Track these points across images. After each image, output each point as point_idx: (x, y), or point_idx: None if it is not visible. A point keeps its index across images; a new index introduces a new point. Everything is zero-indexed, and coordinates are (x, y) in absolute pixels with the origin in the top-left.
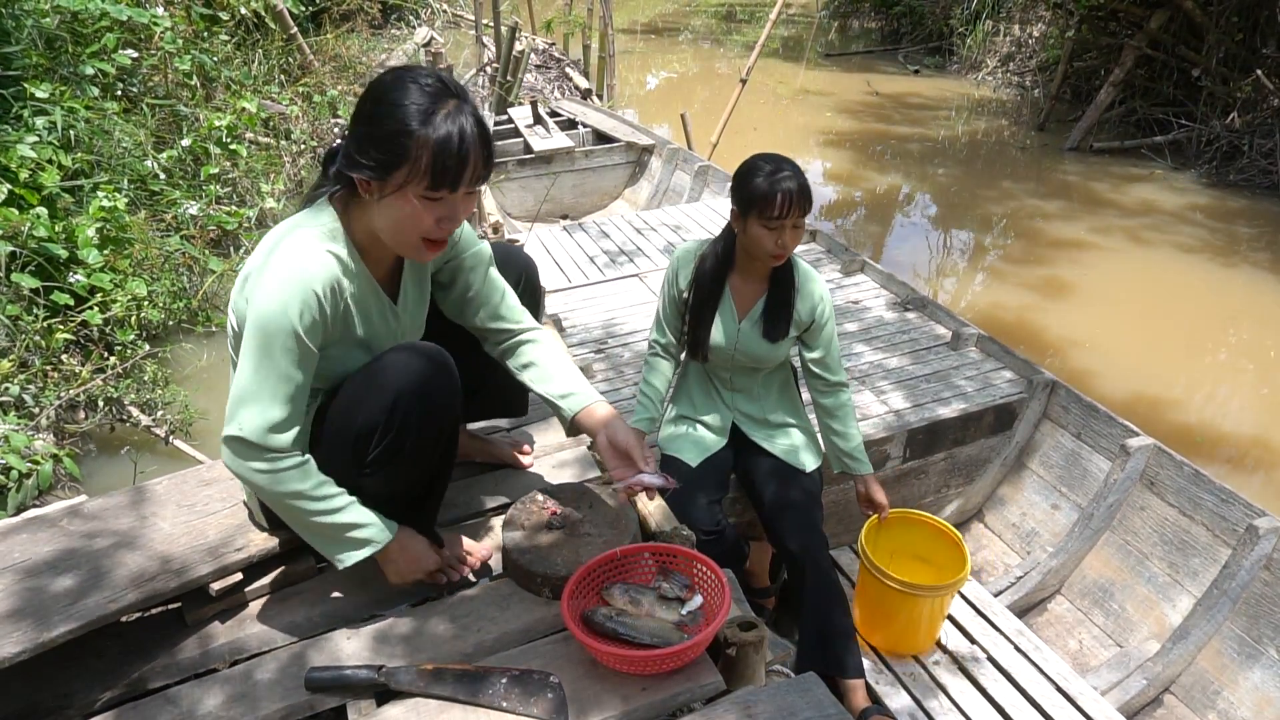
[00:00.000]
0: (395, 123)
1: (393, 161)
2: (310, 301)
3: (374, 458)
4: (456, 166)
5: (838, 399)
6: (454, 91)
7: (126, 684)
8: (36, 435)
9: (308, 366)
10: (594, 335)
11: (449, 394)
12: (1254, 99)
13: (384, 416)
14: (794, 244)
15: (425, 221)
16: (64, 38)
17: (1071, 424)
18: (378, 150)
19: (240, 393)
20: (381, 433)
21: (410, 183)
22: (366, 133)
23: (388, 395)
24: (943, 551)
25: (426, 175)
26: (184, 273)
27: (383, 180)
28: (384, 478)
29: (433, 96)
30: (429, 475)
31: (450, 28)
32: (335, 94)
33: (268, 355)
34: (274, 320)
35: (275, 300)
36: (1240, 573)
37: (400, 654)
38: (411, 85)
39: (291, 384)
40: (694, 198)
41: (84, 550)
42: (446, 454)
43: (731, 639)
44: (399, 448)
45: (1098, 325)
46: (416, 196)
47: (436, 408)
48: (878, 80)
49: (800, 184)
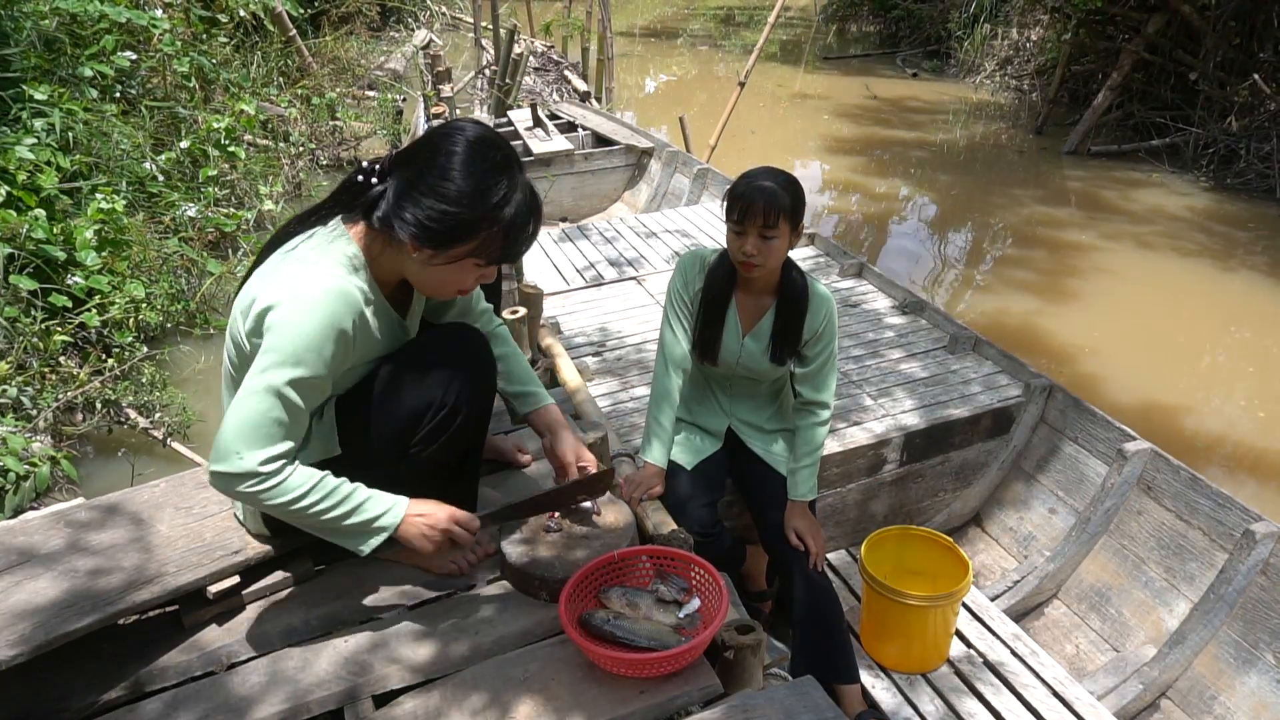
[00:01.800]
0: (466, 208)
1: (458, 239)
2: (339, 340)
3: (421, 437)
4: (520, 247)
5: (812, 417)
6: (515, 162)
7: (123, 687)
8: (34, 437)
9: (320, 397)
10: (592, 338)
11: (490, 370)
12: (1251, 103)
13: (435, 396)
14: (768, 256)
15: (469, 281)
16: (63, 40)
17: (1068, 428)
18: (442, 227)
19: (244, 427)
20: (433, 413)
21: (470, 256)
22: (431, 205)
23: (437, 377)
24: (944, 565)
25: (490, 254)
26: (182, 275)
27: (441, 251)
28: (430, 456)
29: (498, 172)
30: (466, 452)
31: (449, 30)
32: (334, 96)
33: (283, 395)
34: (302, 359)
35: (303, 340)
36: (1237, 578)
37: (397, 657)
38: (478, 159)
39: (302, 420)
40: (693, 200)
41: (81, 553)
42: (482, 430)
43: (729, 642)
44: (447, 426)
45: (1095, 328)
46: (471, 264)
47: (482, 384)
48: (876, 84)
49: (773, 194)
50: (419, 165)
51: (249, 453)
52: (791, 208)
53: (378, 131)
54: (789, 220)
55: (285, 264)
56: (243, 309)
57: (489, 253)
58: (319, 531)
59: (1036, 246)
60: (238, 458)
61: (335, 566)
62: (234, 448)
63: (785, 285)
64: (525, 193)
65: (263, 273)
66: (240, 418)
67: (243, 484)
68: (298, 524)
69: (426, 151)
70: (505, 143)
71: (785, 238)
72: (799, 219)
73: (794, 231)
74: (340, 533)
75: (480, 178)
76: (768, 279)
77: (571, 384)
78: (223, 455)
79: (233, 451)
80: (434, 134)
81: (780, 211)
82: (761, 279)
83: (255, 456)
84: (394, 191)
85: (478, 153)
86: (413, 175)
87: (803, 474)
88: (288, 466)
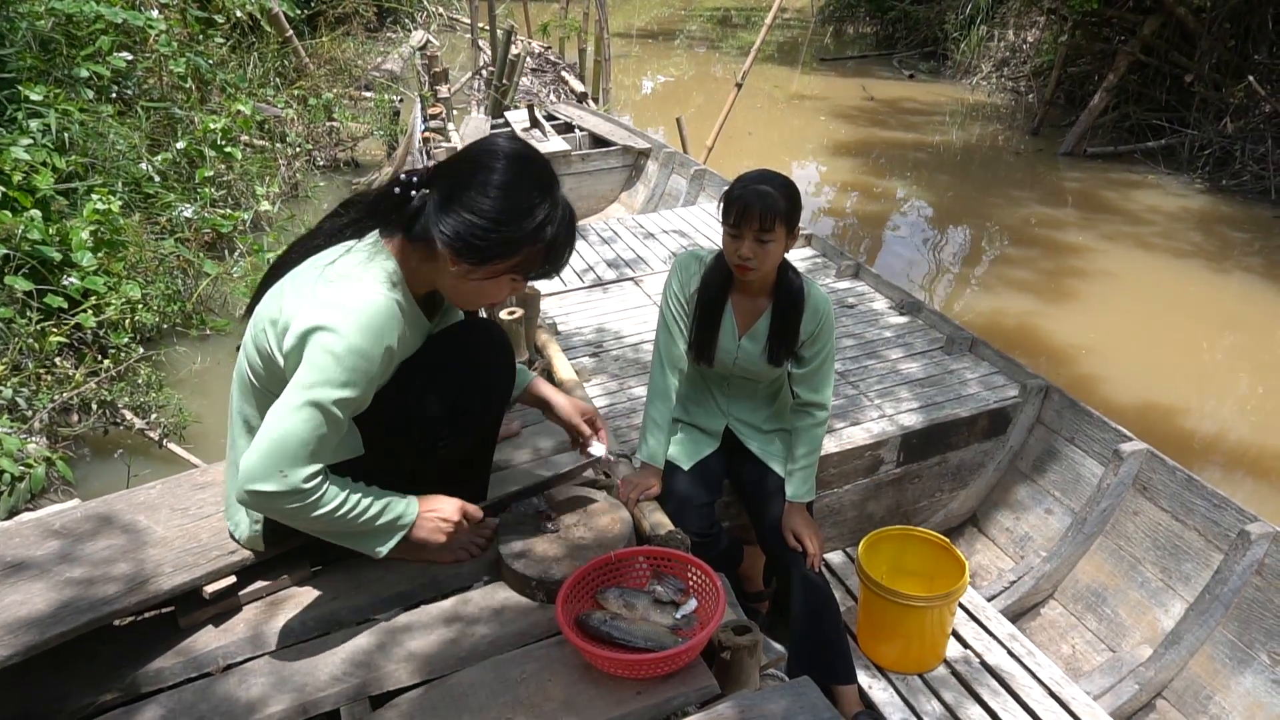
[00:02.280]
0: (510, 227)
1: (500, 256)
2: (385, 358)
3: (445, 434)
4: (561, 264)
5: (809, 418)
6: (555, 179)
7: (119, 688)
8: (30, 439)
9: (359, 410)
10: (590, 339)
11: (510, 367)
12: (1246, 105)
13: (458, 395)
14: (764, 260)
15: (504, 294)
16: (58, 40)
17: (1065, 429)
18: (485, 243)
19: (291, 445)
20: (456, 412)
21: (510, 272)
22: (474, 222)
23: (461, 376)
24: (940, 565)
25: (529, 270)
26: (178, 276)
27: (480, 266)
28: (450, 453)
29: (541, 191)
30: (479, 445)
31: (446, 31)
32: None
33: (328, 414)
34: (350, 380)
35: (353, 361)
36: (1232, 578)
37: (394, 658)
38: (523, 177)
39: (341, 435)
40: (690, 201)
41: (77, 554)
42: (496, 424)
43: (726, 643)
44: (469, 424)
45: (1091, 329)
46: (507, 280)
47: (503, 380)
48: (872, 85)
49: (769, 198)
50: (462, 180)
51: (293, 470)
52: (787, 211)
53: (375, 132)
54: (785, 224)
55: (327, 280)
56: (276, 322)
57: (528, 269)
58: (338, 538)
59: (1033, 247)
60: (282, 476)
61: (331, 567)
62: (278, 466)
63: (781, 287)
64: (565, 211)
65: (299, 287)
66: (285, 435)
67: (287, 502)
68: (320, 532)
69: (469, 166)
70: (544, 159)
71: (781, 241)
72: (795, 222)
73: (790, 235)
74: (363, 536)
75: (525, 196)
76: (764, 281)
77: (569, 384)
78: (265, 474)
79: (276, 470)
80: (476, 149)
81: (776, 215)
82: (758, 281)
83: (300, 474)
84: (435, 205)
85: (522, 170)
86: (455, 189)
87: (800, 475)
88: (325, 480)
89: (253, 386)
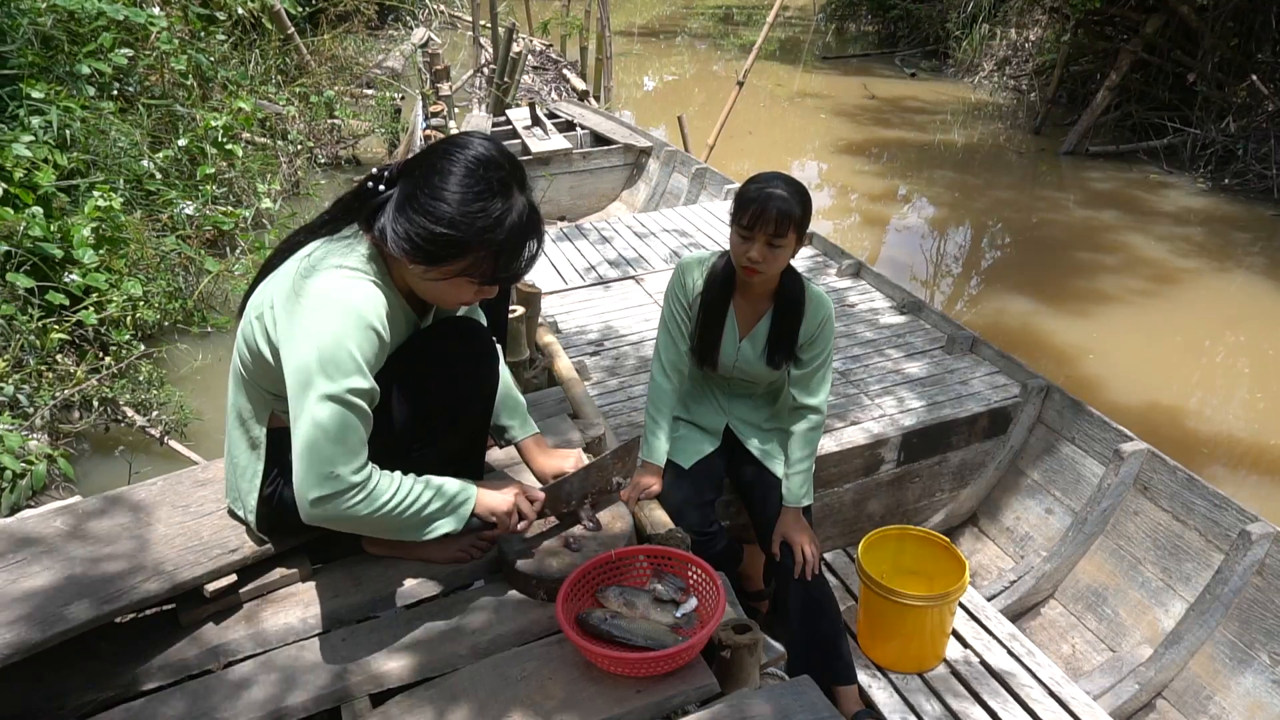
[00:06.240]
0: (455, 229)
1: (448, 258)
2: (375, 340)
3: (433, 430)
4: (516, 269)
5: (804, 421)
6: (517, 183)
7: (120, 686)
8: (31, 435)
9: (373, 400)
10: (590, 338)
11: (494, 360)
12: (1249, 104)
13: (443, 391)
14: (772, 264)
15: (466, 296)
16: (60, 37)
17: (1065, 428)
18: (431, 245)
19: (327, 447)
20: (442, 407)
21: (463, 275)
22: (421, 224)
23: (445, 372)
24: (941, 565)
25: (483, 274)
26: (180, 273)
27: (432, 267)
28: (441, 443)
29: (493, 195)
30: (470, 440)
31: (447, 29)
32: (332, 94)
33: (346, 402)
34: (349, 366)
35: (345, 347)
36: (1233, 578)
37: (394, 656)
38: (475, 180)
39: (369, 425)
40: (691, 200)
41: (78, 551)
42: (487, 415)
43: (726, 641)
44: (456, 418)
45: (1092, 329)
46: (466, 281)
47: (488, 373)
48: (874, 83)
49: (786, 203)
50: (417, 180)
51: (338, 468)
52: (801, 218)
53: (376, 130)
54: (797, 230)
55: (303, 273)
56: (261, 316)
57: (481, 272)
58: (392, 532)
59: (1034, 247)
60: (333, 478)
61: (332, 565)
62: (321, 470)
63: (783, 289)
64: (523, 216)
65: (281, 281)
66: (313, 439)
67: (346, 501)
68: (375, 530)
69: (425, 167)
70: (510, 162)
71: (791, 247)
72: (805, 229)
73: (799, 241)
74: (418, 523)
75: (473, 200)
76: (767, 284)
77: (569, 383)
78: (315, 481)
79: (323, 475)
80: (438, 148)
81: (791, 222)
82: (761, 284)
83: (346, 469)
84: (393, 204)
85: (475, 173)
86: (410, 189)
87: (797, 479)
88: (375, 471)
89: (243, 379)
